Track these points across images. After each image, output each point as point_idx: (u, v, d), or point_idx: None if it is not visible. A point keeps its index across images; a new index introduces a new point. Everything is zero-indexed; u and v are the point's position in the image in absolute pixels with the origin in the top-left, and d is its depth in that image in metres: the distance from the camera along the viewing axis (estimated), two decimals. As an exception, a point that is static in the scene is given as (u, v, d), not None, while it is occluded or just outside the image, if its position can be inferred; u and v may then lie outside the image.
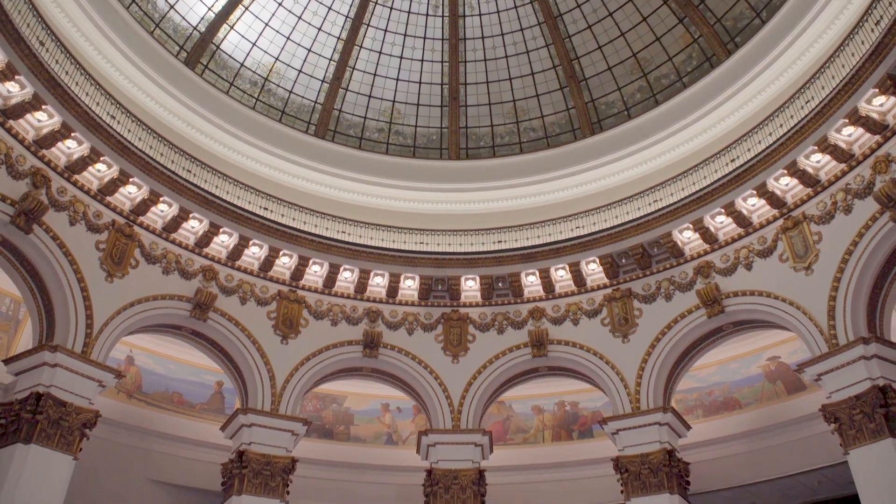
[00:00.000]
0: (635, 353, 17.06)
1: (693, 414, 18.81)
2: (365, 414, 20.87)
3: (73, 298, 14.59)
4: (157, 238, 16.53)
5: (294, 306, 18.01)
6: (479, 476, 16.97)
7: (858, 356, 13.54)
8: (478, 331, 18.59)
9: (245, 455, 16.00)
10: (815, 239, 14.98)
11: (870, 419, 13.10)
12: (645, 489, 15.61)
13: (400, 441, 20.81)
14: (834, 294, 14.35)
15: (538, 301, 18.51)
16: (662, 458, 15.71)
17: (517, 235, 18.73)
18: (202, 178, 17.05)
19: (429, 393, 17.94)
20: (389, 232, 18.91)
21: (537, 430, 20.64)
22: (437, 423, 17.62)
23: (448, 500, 16.55)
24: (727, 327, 16.54)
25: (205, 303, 16.53)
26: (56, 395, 13.68)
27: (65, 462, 13.52)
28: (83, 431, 14.02)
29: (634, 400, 16.59)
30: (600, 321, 17.86)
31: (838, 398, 13.73)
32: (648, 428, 16.15)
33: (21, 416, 13.37)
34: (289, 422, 16.71)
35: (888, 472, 12.62)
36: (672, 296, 17.11)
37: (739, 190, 15.94)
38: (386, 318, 18.58)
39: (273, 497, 15.84)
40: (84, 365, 14.28)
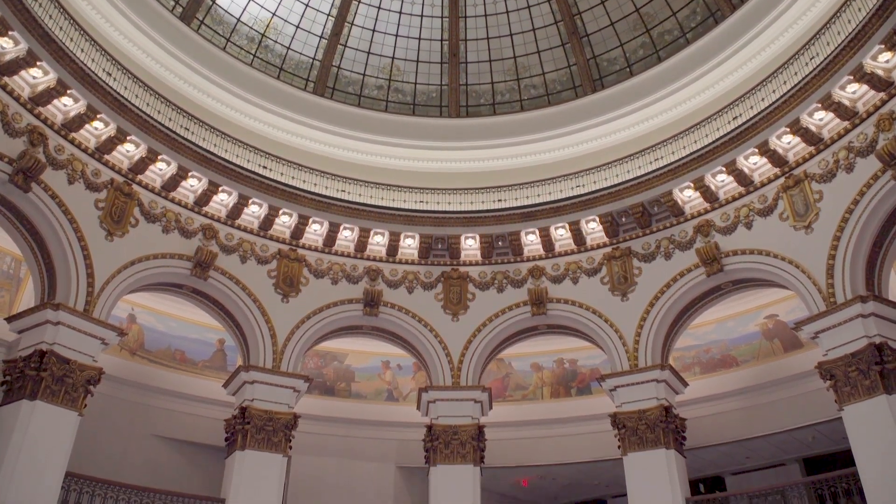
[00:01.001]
0: (634, 312, 17.17)
1: (690, 371, 19.02)
2: (366, 371, 21.11)
3: (74, 257, 14.62)
4: (156, 197, 16.49)
5: (294, 265, 18.06)
6: (478, 432, 17.24)
7: (856, 314, 13.63)
8: (477, 289, 18.68)
9: (248, 411, 16.23)
10: (815, 197, 14.94)
11: (865, 376, 13.25)
12: (642, 444, 15.87)
13: (400, 397, 21.09)
14: (833, 253, 14.37)
15: (538, 260, 18.55)
16: (659, 415, 15.93)
17: (517, 194, 18.68)
18: (200, 137, 16.93)
19: (429, 350, 18.11)
20: (389, 190, 18.85)
21: (536, 386, 20.90)
22: (438, 380, 17.82)
23: (448, 454, 16.84)
24: (726, 286, 16.60)
25: (205, 261, 16.57)
26: (59, 353, 13.82)
27: (70, 418, 13.72)
28: (87, 388, 14.20)
29: (633, 357, 16.76)
30: (600, 280, 17.93)
31: (834, 356, 13.86)
32: (646, 385, 16.34)
33: (25, 373, 13.52)
34: (290, 379, 16.90)
35: (881, 428, 12.81)
36: (672, 254, 17.13)
37: (741, 148, 15.84)
38: (386, 276, 18.65)
39: (276, 452, 16.12)
40: (86, 323, 14.38)
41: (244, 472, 15.67)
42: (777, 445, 18.45)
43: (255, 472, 15.74)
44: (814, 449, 18.42)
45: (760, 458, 19.20)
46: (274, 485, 15.83)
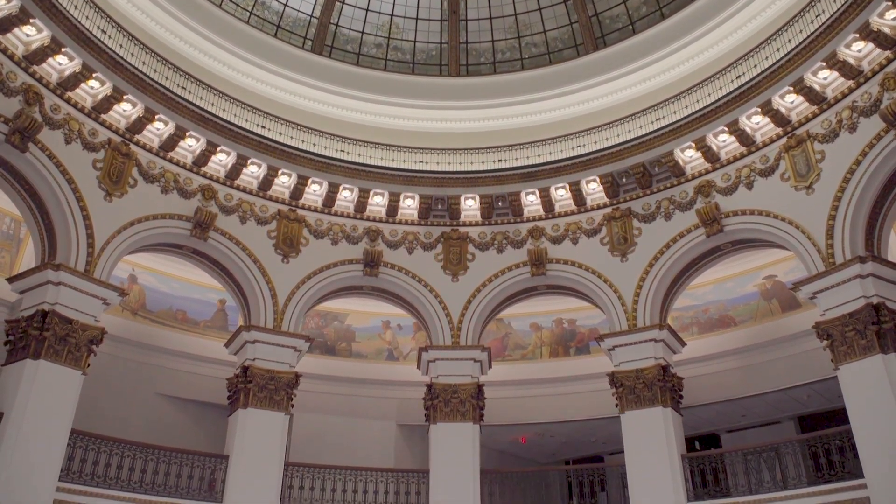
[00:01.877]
0: (633, 272, 17.23)
1: (688, 331, 19.17)
2: (366, 331, 21.26)
3: (73, 217, 14.60)
4: (154, 157, 16.39)
5: (294, 225, 18.05)
6: (477, 390, 17.45)
7: (854, 275, 13.68)
8: (477, 250, 18.70)
9: (249, 370, 16.40)
10: (817, 158, 14.86)
11: (861, 336, 13.36)
12: (639, 403, 16.08)
13: (401, 357, 21.29)
14: (834, 213, 14.35)
15: (538, 220, 18.54)
16: (657, 374, 16.11)
17: (517, 154, 18.58)
18: (197, 96, 16.76)
19: (429, 310, 18.22)
20: (389, 151, 18.74)
21: (535, 346, 21.08)
22: (437, 339, 17.97)
23: (448, 413, 17.07)
24: (725, 246, 16.63)
25: (205, 222, 16.56)
26: (61, 313, 13.90)
27: (73, 377, 13.87)
28: (90, 348, 14.32)
29: (631, 318, 16.87)
30: (599, 240, 17.94)
31: (832, 316, 13.95)
32: (644, 344, 16.48)
33: (28, 332, 13.62)
34: (291, 338, 17.03)
35: (875, 386, 12.97)
36: (672, 215, 17.12)
37: (744, 108, 15.69)
38: (386, 237, 18.66)
39: (278, 410, 16.34)
40: (87, 283, 14.44)
41: (247, 429, 15.91)
42: (772, 404, 18.69)
43: (258, 429, 15.98)
44: (808, 407, 18.68)
45: (756, 417, 19.49)
46: (276, 442, 16.08)
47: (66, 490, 13.37)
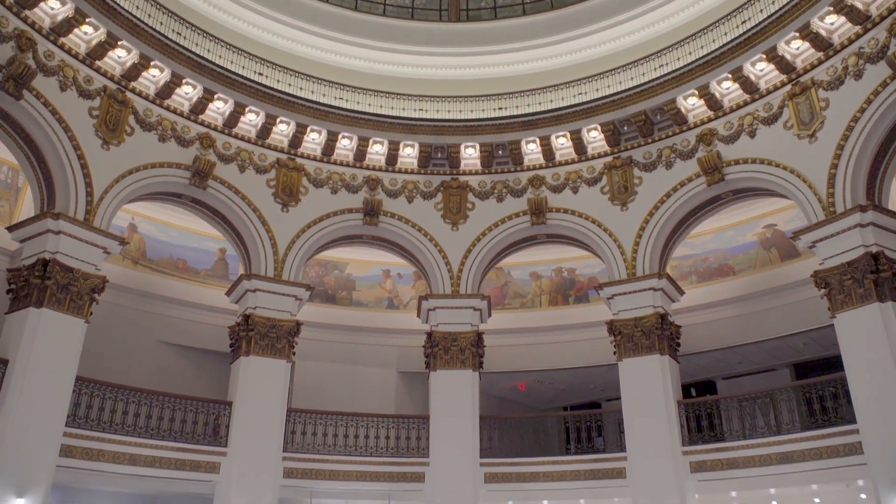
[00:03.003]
0: (633, 221, 17.21)
1: (687, 280, 19.26)
2: (366, 280, 21.36)
3: (71, 166, 14.51)
4: (150, 105, 16.20)
5: (293, 174, 17.96)
6: (477, 338, 17.63)
7: (854, 224, 13.67)
8: (477, 199, 18.65)
9: (251, 319, 16.54)
10: (821, 106, 14.69)
11: (859, 284, 13.43)
12: (637, 350, 16.27)
13: (401, 305, 21.44)
14: (836, 162, 14.26)
15: (538, 169, 18.44)
16: (655, 322, 16.25)
17: (518, 102, 18.35)
18: (193, 42, 16.44)
19: (429, 259, 18.27)
20: (388, 98, 18.51)
21: (535, 295, 21.20)
22: (437, 288, 18.06)
23: (448, 360, 17.29)
24: (726, 195, 16.57)
25: (203, 170, 16.47)
26: (62, 262, 13.94)
27: (77, 325, 14.00)
28: (92, 296, 14.40)
29: (630, 266, 16.92)
30: (600, 189, 17.87)
31: (830, 265, 14.00)
32: (643, 293, 16.58)
33: (30, 281, 13.69)
34: (292, 287, 17.13)
35: (871, 334, 13.11)
36: (673, 164, 17.01)
37: (749, 54, 15.42)
38: (385, 186, 18.58)
39: (279, 358, 16.54)
40: (87, 232, 14.44)
41: (249, 377, 16.14)
42: (769, 351, 18.91)
43: (260, 376, 16.20)
44: (804, 355, 18.90)
45: (752, 364, 19.73)
46: (279, 389, 16.33)
47: (72, 435, 13.65)
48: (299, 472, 16.16)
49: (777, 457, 14.29)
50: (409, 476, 16.65)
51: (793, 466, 14.10)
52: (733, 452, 14.88)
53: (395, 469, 16.71)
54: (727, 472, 14.88)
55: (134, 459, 14.43)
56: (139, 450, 14.55)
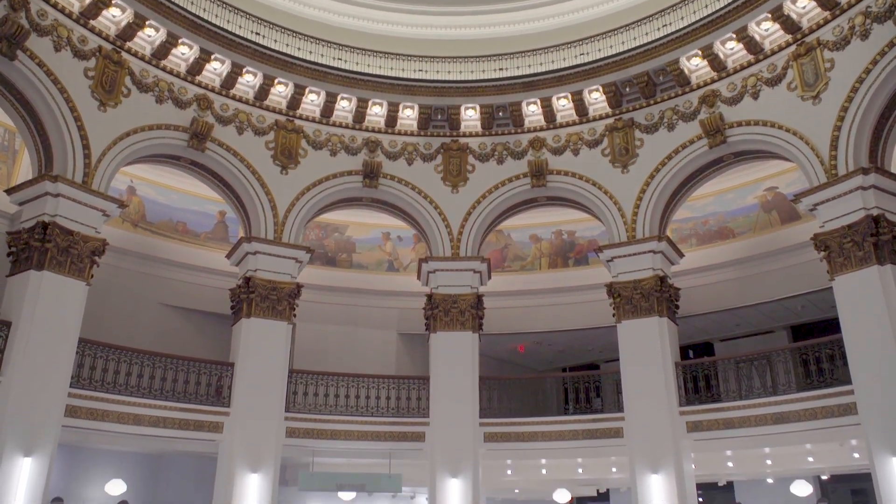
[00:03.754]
0: (634, 184, 17.15)
1: (687, 243, 19.28)
2: (366, 242, 21.38)
3: (68, 128, 14.40)
4: (147, 65, 16.00)
5: (292, 136, 17.83)
6: (477, 300, 17.72)
7: (856, 186, 13.62)
8: (477, 161, 18.56)
9: (251, 281, 16.61)
10: (826, 66, 14.50)
11: (859, 247, 13.44)
12: (636, 312, 16.36)
13: (401, 268, 21.50)
14: (839, 124, 14.14)
15: (539, 131, 18.30)
16: (654, 284, 16.31)
17: (519, 62, 18.12)
18: (188, 1, 16.16)
19: (429, 222, 18.26)
20: (387, 59, 18.28)
21: (534, 257, 21.25)
22: (437, 250, 18.09)
23: (448, 322, 17.41)
24: (728, 158, 16.48)
25: (201, 132, 16.35)
26: (62, 225, 13.92)
27: (78, 287, 14.05)
28: (92, 259, 14.42)
29: (630, 229, 16.92)
30: (601, 151, 17.77)
31: (831, 227, 13.99)
32: (642, 256, 16.61)
33: (30, 244, 13.69)
34: (292, 250, 17.15)
35: (869, 297, 13.17)
36: (675, 126, 16.89)
37: (754, 13, 15.16)
38: (385, 148, 18.48)
39: (280, 319, 16.64)
40: (86, 195, 14.39)
41: (251, 338, 16.26)
42: (766, 314, 19.02)
43: (262, 338, 16.33)
44: (802, 317, 19.02)
45: (749, 326, 19.87)
46: (280, 350, 16.47)
47: (77, 396, 13.81)
48: (301, 432, 16.39)
49: (772, 417, 14.49)
50: (409, 435, 16.89)
51: (788, 426, 14.29)
52: (729, 413, 15.08)
53: (395, 429, 16.94)
54: (723, 431, 15.09)
55: (138, 419, 14.64)
56: (143, 410, 14.74)
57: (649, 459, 15.24)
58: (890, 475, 12.24)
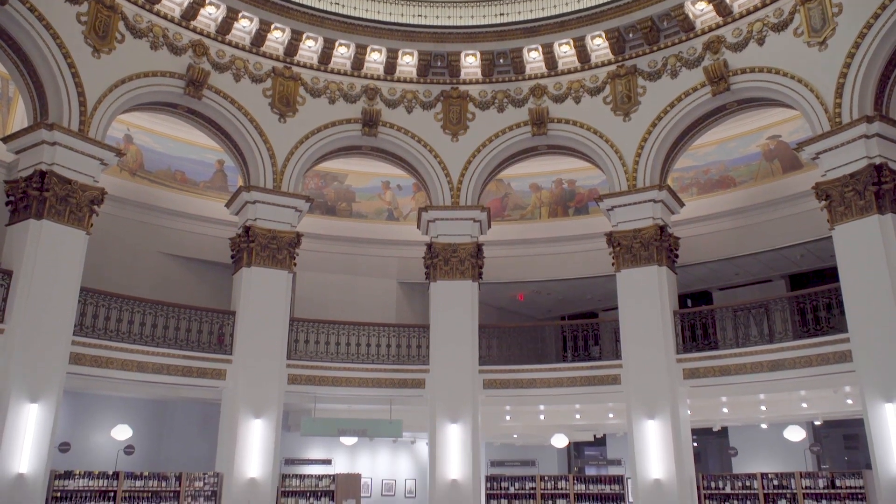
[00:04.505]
0: (635, 132, 16.99)
1: (688, 192, 19.22)
2: (366, 191, 21.31)
3: (62, 75, 14.17)
4: (140, 10, 15.67)
5: (290, 83, 17.59)
6: (476, 250, 17.76)
7: (860, 135, 13.50)
8: (477, 109, 18.35)
9: (251, 230, 16.61)
10: (834, 11, 14.20)
11: (860, 196, 13.40)
12: (635, 261, 16.42)
13: (401, 217, 21.48)
14: (845, 71, 13.92)
15: (540, 78, 18.05)
16: (654, 233, 16.32)
17: (520, 8, 17.73)
18: (181, -58, 15.77)
19: (428, 171, 18.16)
20: (386, 4, 17.88)
21: (534, 206, 21.21)
22: (437, 199, 18.04)
23: (447, 271, 17.48)
24: (731, 105, 16.29)
25: (198, 80, 16.11)
26: (59, 173, 13.84)
27: (78, 237, 14.04)
28: (91, 208, 14.38)
29: (631, 178, 16.84)
30: (602, 99, 17.55)
31: (832, 176, 13.91)
32: (643, 205, 16.57)
33: (28, 193, 13.63)
34: (291, 199, 17.10)
35: (868, 246, 13.19)
36: (678, 73, 16.64)
37: (761, -45, 14.81)
38: (384, 95, 18.24)
39: (281, 268, 16.71)
40: (83, 143, 14.26)
41: (252, 287, 16.35)
42: (765, 263, 19.09)
43: (263, 287, 16.42)
44: (800, 266, 19.09)
45: (748, 275, 19.96)
46: (281, 299, 16.58)
47: (80, 343, 13.96)
48: (303, 379, 16.63)
49: (768, 364, 14.68)
50: (410, 382, 17.15)
51: (783, 373, 14.50)
52: (726, 360, 15.27)
53: (396, 376, 17.18)
54: (719, 378, 15.31)
55: (142, 367, 14.82)
56: (146, 357, 14.92)
57: (646, 406, 15.50)
58: (882, 420, 12.47)
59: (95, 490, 13.86)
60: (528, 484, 16.59)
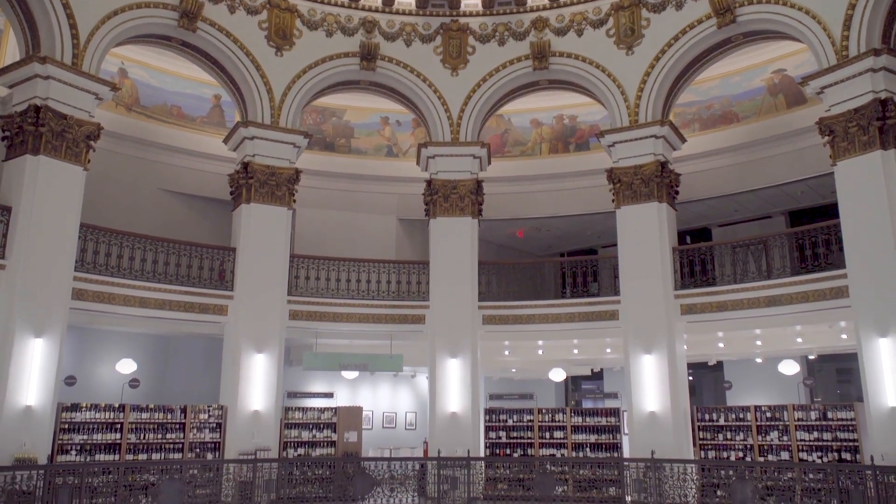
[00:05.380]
0: (638, 66, 16.69)
1: (690, 128, 19.02)
2: (365, 127, 21.08)
3: (54, 7, 13.81)
4: (130, -62, 15.16)
5: (286, 16, 17.18)
6: (476, 186, 17.69)
7: (866, 68, 13.27)
8: (478, 42, 17.97)
9: (250, 166, 16.50)
10: (842, -60, 13.76)
11: (864, 131, 13.27)
12: (635, 198, 16.38)
13: (400, 153, 21.31)
14: (854, 2, 13.58)
15: (542, 11, 17.62)
16: (655, 170, 16.23)
17: (522, -65, 17.19)
18: None
19: (428, 106, 17.92)
20: (383, -69, 17.32)
21: (535, 142, 21.02)
22: (437, 135, 17.87)
23: (447, 208, 17.45)
24: (736, 38, 15.95)
25: (191, 11, 15.71)
26: (54, 108, 13.65)
27: (76, 173, 13.96)
28: (88, 143, 14.25)
29: (633, 113, 16.63)
30: (605, 32, 17.18)
31: (837, 111, 13.74)
32: (644, 141, 16.43)
33: (24, 128, 13.48)
34: (290, 134, 16.93)
35: (870, 182, 13.14)
36: (683, 4, 16.23)
37: None
38: (383, 28, 17.83)
39: (280, 205, 16.68)
40: (77, 77, 14.02)
41: (251, 224, 16.36)
42: (766, 199, 19.04)
43: (262, 223, 16.43)
44: (801, 203, 19.06)
45: (748, 211, 19.94)
46: (280, 235, 16.61)
47: (82, 279, 14.05)
48: (304, 315, 16.81)
49: (765, 300, 14.82)
50: (410, 318, 17.33)
51: (780, 309, 14.65)
52: (723, 296, 15.41)
53: (396, 312, 17.36)
54: (716, 314, 15.49)
55: (144, 302, 14.97)
56: (148, 293, 15.05)
57: (643, 341, 15.71)
58: (875, 354, 12.67)
59: (102, 422, 14.19)
60: (526, 416, 16.95)
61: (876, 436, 12.52)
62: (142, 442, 14.50)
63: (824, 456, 14.01)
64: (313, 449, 16.47)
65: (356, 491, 14.46)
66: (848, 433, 13.94)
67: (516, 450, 16.75)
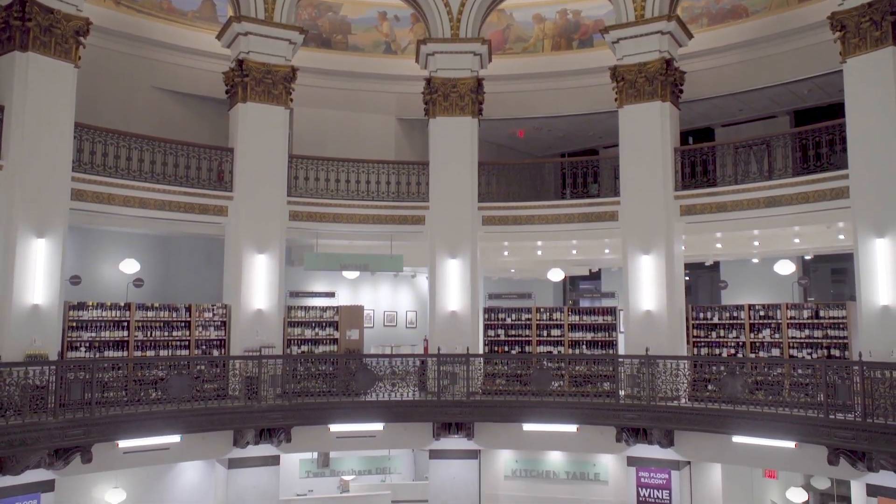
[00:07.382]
0: (647, -44, 15.98)
1: (698, 23, 18.40)
2: (362, 22, 20.38)
3: None
4: None
5: None
6: (477, 84, 17.32)
7: (885, -42, 12.72)
8: (479, -70, 17.12)
9: (245, 64, 16.11)
10: None
11: (877, 27, 12.86)
12: (638, 97, 16.08)
13: (399, 50, 20.73)
14: None
15: None
16: (659, 68, 15.84)
17: None
18: None
19: (427, 0, 17.28)
20: None
21: (537, 39, 20.40)
22: (436, 32, 17.33)
23: (447, 107, 17.16)
24: (750, -74, 15.20)
25: None
26: (40, 1, 13.16)
27: (66, 69, 13.62)
28: (77, 39, 13.83)
29: (639, 8, 16.06)
30: (613, -81, 16.34)
31: (850, 5, 13.28)
32: (650, 37, 15.95)
33: (10, 23, 13.05)
34: (285, 30, 16.43)
35: (879, 79, 12.86)
36: None
37: None
38: (379, -86, 16.96)
39: (277, 104, 16.39)
40: (61, -32, 13.46)
41: (248, 123, 16.13)
42: (771, 98, 18.69)
43: (259, 123, 16.20)
44: (807, 102, 18.70)
45: (752, 111, 19.61)
46: (278, 135, 16.42)
47: (81, 180, 13.98)
48: (304, 216, 16.84)
49: (765, 201, 14.82)
50: (409, 219, 17.38)
51: (779, 210, 14.68)
52: (723, 197, 15.40)
53: (396, 212, 17.39)
54: (715, 214, 15.53)
55: (143, 203, 14.97)
56: (147, 194, 15.03)
57: (641, 241, 15.82)
58: (871, 254, 12.79)
59: (109, 320, 14.50)
60: (525, 315, 17.27)
61: (866, 333, 12.82)
62: (149, 339, 14.87)
63: (814, 353, 14.37)
64: (316, 346, 16.91)
65: (358, 386, 14.97)
66: (838, 331, 14.24)
67: (514, 347, 17.18)
